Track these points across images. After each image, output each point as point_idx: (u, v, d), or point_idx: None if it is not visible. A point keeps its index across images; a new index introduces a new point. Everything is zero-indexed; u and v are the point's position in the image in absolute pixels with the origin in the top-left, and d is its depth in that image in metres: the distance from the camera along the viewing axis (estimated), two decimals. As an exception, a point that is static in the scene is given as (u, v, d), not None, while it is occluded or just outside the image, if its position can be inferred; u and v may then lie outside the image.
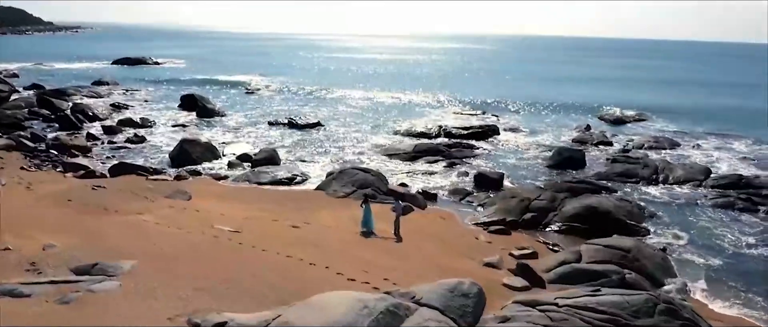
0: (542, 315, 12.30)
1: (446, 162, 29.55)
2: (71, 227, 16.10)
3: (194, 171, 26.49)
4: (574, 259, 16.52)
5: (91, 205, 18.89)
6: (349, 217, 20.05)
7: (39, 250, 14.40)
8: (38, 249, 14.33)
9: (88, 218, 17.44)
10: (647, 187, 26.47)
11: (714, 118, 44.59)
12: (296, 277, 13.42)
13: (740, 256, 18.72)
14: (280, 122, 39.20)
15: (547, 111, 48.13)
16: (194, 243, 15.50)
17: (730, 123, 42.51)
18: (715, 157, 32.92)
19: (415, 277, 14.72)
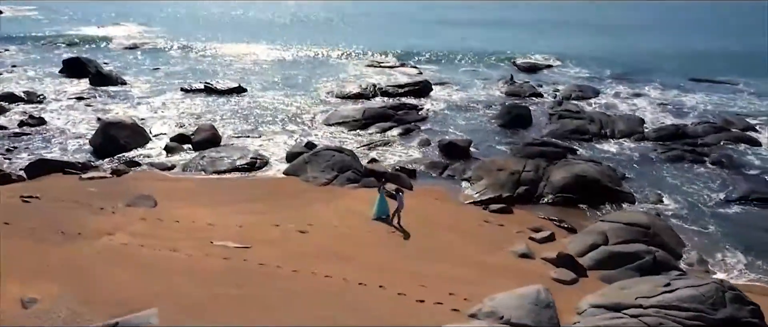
0: (638, 321, 11.87)
1: (401, 128, 28.28)
2: (39, 267, 12.95)
3: (131, 161, 22.87)
4: (602, 241, 16.38)
5: (40, 228, 15.39)
6: (347, 210, 18.41)
7: (16, 308, 11.43)
8: (14, 307, 11.31)
9: (52, 250, 14.19)
10: (601, 144, 27.29)
11: (623, 63, 46.70)
12: (373, 309, 11.82)
13: (720, 217, 19.76)
14: (195, 88, 35.19)
15: (461, 60, 47.91)
16: (212, 272, 13.15)
17: (639, 68, 45.00)
18: (637, 105, 34.74)
19: (471, 284, 13.72)
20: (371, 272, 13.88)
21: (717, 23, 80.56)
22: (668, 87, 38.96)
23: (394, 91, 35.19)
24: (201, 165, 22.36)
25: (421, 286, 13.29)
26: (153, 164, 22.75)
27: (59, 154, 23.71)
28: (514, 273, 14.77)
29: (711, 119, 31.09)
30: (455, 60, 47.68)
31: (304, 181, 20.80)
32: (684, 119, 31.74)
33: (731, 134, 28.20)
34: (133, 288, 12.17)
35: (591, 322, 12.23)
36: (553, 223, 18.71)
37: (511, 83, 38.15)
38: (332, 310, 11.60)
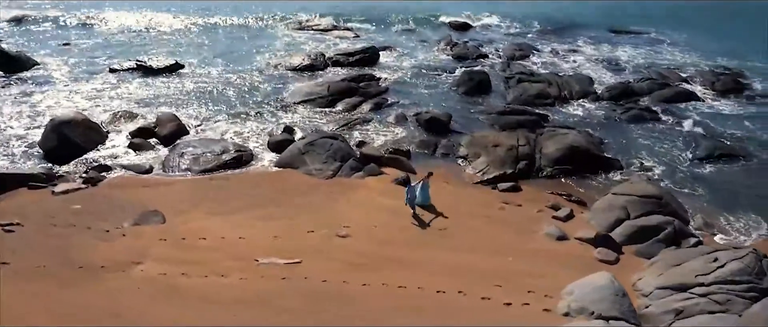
0: (708, 300, 12.73)
1: (370, 103, 27.61)
2: (75, 317, 11.45)
3: (100, 165, 20.55)
4: (625, 216, 17.21)
5: (52, 265, 13.65)
6: (371, 205, 17.88)
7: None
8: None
9: (81, 293, 12.66)
10: (564, 108, 28.38)
11: (546, 16, 48.00)
12: (477, 320, 11.71)
13: (700, 178, 21.42)
14: (127, 68, 31.96)
15: (392, 20, 46.74)
16: (281, 297, 12.45)
17: (561, 21, 46.67)
18: (577, 62, 36.33)
19: (537, 277, 14.02)
20: (438, 276, 13.71)
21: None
22: (598, 41, 40.98)
23: (345, 60, 34.05)
24: (182, 163, 20.59)
25: (497, 286, 13.35)
26: (126, 167, 20.58)
27: (7, 163, 20.73)
28: (563, 259, 15.21)
29: (646, 74, 33.14)
30: (387, 20, 46.69)
31: (307, 174, 19.84)
32: (622, 75, 33.64)
33: (673, 89, 30.34)
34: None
35: (664, 305, 12.94)
36: (563, 197, 19.32)
37: (453, 45, 38.23)
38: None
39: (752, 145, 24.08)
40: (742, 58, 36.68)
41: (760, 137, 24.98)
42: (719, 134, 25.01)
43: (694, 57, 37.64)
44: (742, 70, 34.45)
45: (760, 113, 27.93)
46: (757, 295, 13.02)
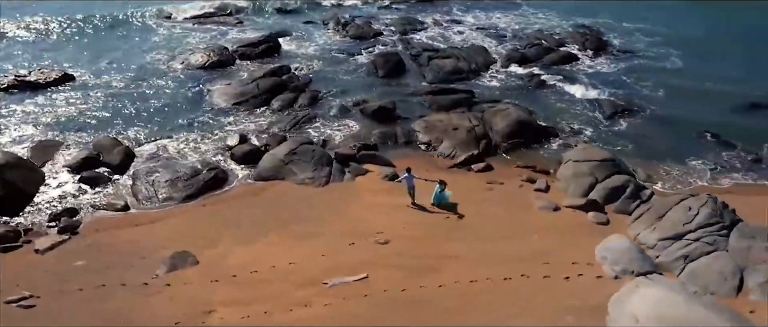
0: (702, 243, 15.98)
1: (306, 97, 27.68)
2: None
3: (65, 210, 18.65)
4: (594, 180, 20.10)
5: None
6: (386, 207, 18.68)
7: None
8: None
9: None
10: (479, 80, 30.96)
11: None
12: (580, 292, 13.53)
13: (621, 134, 25.18)
14: (2, 85, 28.05)
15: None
16: (393, 315, 13.21)
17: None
18: (464, 33, 39.17)
19: (567, 249, 16.24)
20: (494, 265, 15.24)
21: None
22: (469, 9, 44.17)
23: (250, 51, 33.17)
24: (159, 193, 19.44)
25: (545, 264, 15.27)
26: (96, 207, 18.89)
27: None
28: (569, 228, 17.63)
29: (528, 40, 36.92)
30: (257, 2, 45.14)
31: (300, 184, 19.95)
32: (509, 42, 37.14)
33: (558, 53, 34.40)
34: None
35: (671, 254, 15.93)
36: (529, 169, 21.81)
37: (345, 25, 38.81)
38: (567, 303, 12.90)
39: (639, 98, 28.61)
40: (594, 16, 42.26)
41: (641, 91, 29.70)
42: (612, 92, 29.22)
43: (555, 19, 42.44)
44: (599, 28, 39.79)
45: (629, 68, 32.95)
46: (726, 230, 16.51)
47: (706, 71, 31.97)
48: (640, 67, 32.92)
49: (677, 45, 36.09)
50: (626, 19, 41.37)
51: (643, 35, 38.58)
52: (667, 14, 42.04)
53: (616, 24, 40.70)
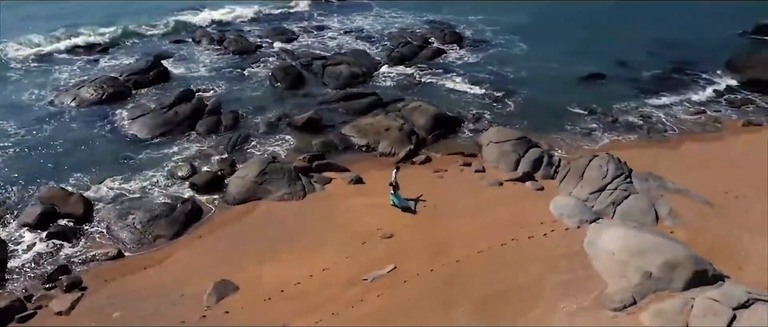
0: (620, 191, 21.17)
1: (226, 120, 28.41)
2: None
3: (59, 268, 18.10)
4: (519, 156, 24.48)
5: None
6: (370, 206, 20.90)
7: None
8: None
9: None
10: (377, 82, 34.12)
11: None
12: (553, 247, 17.49)
13: (511, 114, 30.24)
14: None
15: (108, 22, 43.21)
16: (458, 295, 16.12)
17: None
18: (337, 38, 42.00)
19: (526, 214, 20.37)
20: (496, 234, 18.68)
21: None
22: (331, 14, 46.98)
23: (143, 79, 32.45)
24: (147, 234, 19.66)
25: (522, 228, 19.16)
26: (88, 260, 18.58)
27: None
28: (517, 197, 21.74)
29: (400, 39, 40.90)
30: (124, 25, 42.86)
31: (281, 201, 21.41)
32: (378, 43, 40.76)
33: (429, 49, 38.87)
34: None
35: (602, 202, 20.81)
36: (460, 155, 25.64)
37: (221, 41, 39.29)
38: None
39: (509, 82, 34.10)
40: (439, 11, 47.72)
41: (508, 75, 35.26)
42: (487, 79, 34.33)
43: (408, 17, 47.10)
44: (449, 22, 45.24)
45: (489, 56, 38.54)
46: (629, 178, 21.95)
47: (548, 53, 38.72)
48: (498, 55, 38.68)
49: (517, 33, 42.77)
50: (467, 12, 47.43)
51: (486, 26, 44.82)
52: (499, 7, 48.89)
53: (461, 17, 46.51)
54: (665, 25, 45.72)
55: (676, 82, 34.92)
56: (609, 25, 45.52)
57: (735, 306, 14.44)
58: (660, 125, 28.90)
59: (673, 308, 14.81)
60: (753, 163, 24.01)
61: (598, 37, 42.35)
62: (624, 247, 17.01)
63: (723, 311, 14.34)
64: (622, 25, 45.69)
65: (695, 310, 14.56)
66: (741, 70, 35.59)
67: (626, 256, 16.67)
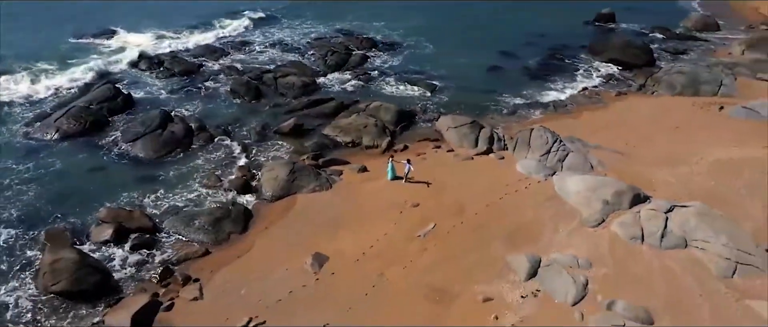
0: (559, 152, 29.06)
1: (216, 135, 32.07)
2: None
3: (164, 270, 21.47)
4: (475, 136, 31.41)
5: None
6: (386, 185, 26.53)
7: None
8: None
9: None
10: (326, 88, 39.22)
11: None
12: (541, 201, 24.59)
13: (446, 104, 37.25)
14: None
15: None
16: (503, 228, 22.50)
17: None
18: (263, 51, 46.09)
19: (507, 178, 27.43)
20: (488, 195, 25.28)
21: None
22: (250, 29, 50.74)
23: (114, 106, 34.31)
24: (220, 234, 23.36)
25: (507, 185, 26.03)
26: (181, 260, 22.05)
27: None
28: (490, 166, 28.55)
29: (328, 47, 45.94)
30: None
31: (312, 193, 26.12)
32: (305, 53, 45.66)
33: (356, 56, 44.58)
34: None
35: (550, 160, 28.44)
36: (429, 141, 31.93)
37: (159, 63, 41.58)
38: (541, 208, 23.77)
39: (435, 77, 40.99)
40: (343, 20, 53.54)
41: (431, 72, 42.06)
42: (417, 78, 40.92)
43: (319, 27, 52.33)
44: (358, 29, 51.25)
45: (408, 57, 45.24)
46: (562, 142, 29.87)
47: (453, 51, 46.36)
48: (414, 56, 45.54)
49: (420, 34, 49.99)
50: (369, 19, 53.79)
51: (390, 31, 51.49)
52: (393, 12, 55.82)
53: (366, 24, 52.73)
54: (532, 21, 55.73)
55: (556, 66, 44.27)
56: (491, 24, 54.50)
57: (665, 211, 22.41)
58: (559, 102, 37.45)
59: (628, 220, 22.44)
60: (632, 122, 33.26)
61: (486, 34, 50.98)
62: (584, 187, 24.50)
63: (660, 216, 22.22)
64: (500, 23, 54.88)
65: (643, 218, 22.31)
66: (600, 53, 45.89)
67: (588, 192, 24.13)
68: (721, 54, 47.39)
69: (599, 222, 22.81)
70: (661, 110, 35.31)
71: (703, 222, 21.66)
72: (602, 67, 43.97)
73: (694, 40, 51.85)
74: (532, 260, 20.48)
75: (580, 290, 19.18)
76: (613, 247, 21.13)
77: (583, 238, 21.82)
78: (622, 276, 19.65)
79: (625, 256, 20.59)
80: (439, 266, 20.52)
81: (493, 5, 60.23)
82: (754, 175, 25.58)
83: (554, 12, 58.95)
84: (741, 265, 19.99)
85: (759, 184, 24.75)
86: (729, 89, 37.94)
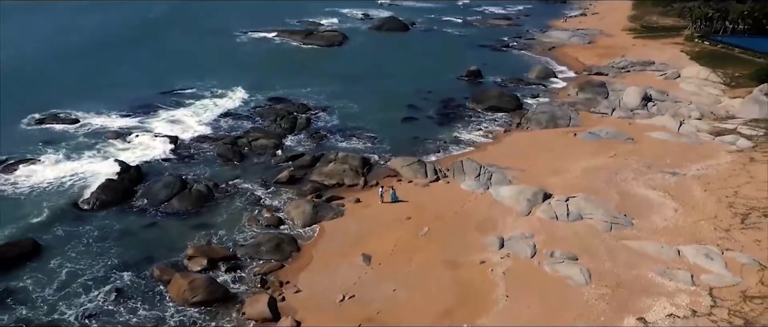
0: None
1: (234, 187, 41.28)
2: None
3: (262, 279, 30.70)
4: (423, 167, 43.89)
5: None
6: (383, 209, 37.91)
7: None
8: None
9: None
10: (286, 143, 49.52)
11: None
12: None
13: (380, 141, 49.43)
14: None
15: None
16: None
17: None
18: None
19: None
20: (455, 205, 37.64)
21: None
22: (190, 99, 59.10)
23: (120, 182, 41.76)
24: (284, 255, 32.98)
25: (464, 206, 38.65)
26: (268, 272, 31.28)
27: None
28: (445, 189, 41.01)
29: (268, 113, 56.00)
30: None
31: (333, 220, 36.52)
32: (253, 121, 55.45)
33: (302, 118, 55.32)
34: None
35: (482, 180, 41.72)
36: (390, 177, 43.67)
37: (127, 136, 49.01)
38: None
39: (369, 130, 53.00)
40: (270, 89, 63.82)
41: (364, 125, 54.04)
42: (355, 133, 52.61)
43: (258, 96, 62.09)
44: (285, 97, 61.81)
45: (339, 117, 56.75)
46: (484, 167, 43.44)
47: (368, 108, 58.62)
48: (347, 115, 57.13)
49: (343, 98, 61.73)
50: (294, 87, 64.57)
51: (317, 95, 62.67)
52: (312, 79, 67.17)
53: (294, 91, 63.45)
54: (417, 80, 69.93)
55: (454, 114, 58.41)
56: (383, 86, 67.73)
57: (565, 200, 36.27)
58: (468, 140, 51.30)
59: (545, 208, 35.87)
60: (521, 150, 47.80)
61: (387, 94, 63.71)
62: (512, 193, 37.75)
63: (562, 204, 35.89)
64: (396, 83, 68.58)
65: (553, 206, 35.90)
66: (482, 101, 61.02)
67: (516, 195, 37.37)
68: (562, 96, 65.04)
69: (527, 212, 35.98)
70: (537, 140, 50.44)
71: (588, 204, 35.69)
72: (487, 113, 58.87)
73: (541, 87, 69.51)
74: (499, 238, 32.86)
75: (532, 249, 31.81)
76: (541, 224, 34.25)
77: (522, 222, 34.74)
78: (552, 239, 32.68)
79: (550, 228, 33.76)
80: (443, 249, 32.01)
81: (384, 70, 74.30)
82: (607, 174, 40.72)
83: (430, 72, 74.29)
84: (614, 224, 34.03)
85: (612, 179, 39.80)
86: (576, 121, 54.46)
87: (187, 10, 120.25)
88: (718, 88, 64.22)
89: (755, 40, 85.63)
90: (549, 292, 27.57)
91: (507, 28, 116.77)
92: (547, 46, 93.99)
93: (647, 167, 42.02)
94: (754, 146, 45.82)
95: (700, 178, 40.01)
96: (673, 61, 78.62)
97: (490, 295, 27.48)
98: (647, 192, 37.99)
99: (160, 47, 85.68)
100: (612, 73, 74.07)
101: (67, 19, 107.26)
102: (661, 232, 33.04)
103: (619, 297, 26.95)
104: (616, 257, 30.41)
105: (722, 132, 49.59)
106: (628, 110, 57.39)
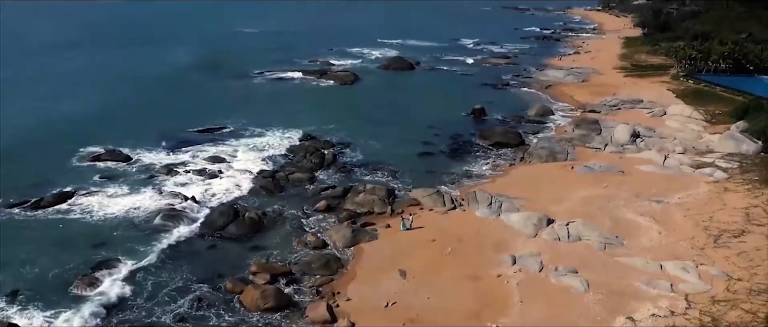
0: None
1: (272, 232, 47.82)
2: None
3: (316, 291, 37.12)
4: (443, 197, 50.55)
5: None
6: (411, 234, 44.47)
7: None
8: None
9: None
10: (325, 178, 56.18)
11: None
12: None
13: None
14: (97, 282, 37.48)
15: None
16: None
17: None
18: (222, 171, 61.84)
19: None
20: (472, 229, 44.17)
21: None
22: (228, 139, 65.97)
23: (182, 211, 48.27)
24: (333, 271, 39.41)
25: (475, 225, 45.21)
26: (322, 284, 37.65)
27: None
28: (461, 216, 47.64)
29: (297, 151, 62.88)
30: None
31: (369, 242, 42.99)
32: (284, 157, 62.21)
33: (329, 153, 62.16)
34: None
35: (493, 208, 48.38)
36: (413, 205, 50.26)
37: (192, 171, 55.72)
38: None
39: (391, 165, 59.75)
40: (303, 126, 70.81)
41: (386, 160, 60.81)
42: (378, 167, 59.38)
43: (293, 133, 68.98)
44: (313, 134, 68.71)
45: (364, 154, 63.49)
46: (495, 197, 50.15)
47: (391, 144, 65.55)
48: (368, 150, 63.84)
49: (363, 134, 68.56)
50: (320, 124, 71.60)
51: (339, 131, 69.57)
52: (334, 118, 74.27)
53: (322, 127, 70.48)
54: (427, 117, 76.81)
55: (463, 150, 65.21)
56: (403, 123, 74.68)
57: (566, 225, 42.87)
58: (481, 174, 58.02)
59: (549, 231, 42.42)
60: (526, 181, 54.48)
61: (404, 130, 70.85)
62: (520, 219, 44.34)
63: (564, 228, 42.47)
64: (408, 121, 75.48)
65: (556, 229, 42.48)
66: (488, 138, 67.91)
67: (524, 221, 43.94)
68: (560, 132, 72.09)
69: (534, 235, 42.52)
70: (539, 173, 57.21)
71: (585, 228, 42.31)
72: (493, 148, 65.72)
73: (540, 123, 76.62)
74: (511, 256, 39.31)
75: (540, 265, 38.26)
76: (547, 245, 40.78)
77: (530, 243, 41.27)
78: (556, 256, 39.18)
79: (554, 248, 40.28)
80: (465, 265, 38.43)
81: (396, 108, 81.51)
82: (601, 202, 47.44)
83: (438, 109, 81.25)
84: (608, 244, 40.59)
85: (605, 207, 46.51)
86: (573, 156, 61.36)
87: (199, 53, 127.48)
88: (700, 125, 71.28)
89: (735, 79, 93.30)
90: (555, 298, 33.91)
91: (506, 66, 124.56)
92: (545, 84, 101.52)
93: (636, 196, 48.67)
94: (728, 177, 52.57)
95: (681, 205, 46.66)
96: (660, 99, 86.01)
97: (508, 301, 33.78)
98: (636, 217, 44.57)
99: (188, 89, 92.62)
100: (604, 110, 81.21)
101: (99, 62, 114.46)
102: (646, 250, 39.53)
103: (612, 301, 33.31)
104: (610, 270, 36.84)
105: (702, 165, 56.40)
106: (619, 145, 64.23)
